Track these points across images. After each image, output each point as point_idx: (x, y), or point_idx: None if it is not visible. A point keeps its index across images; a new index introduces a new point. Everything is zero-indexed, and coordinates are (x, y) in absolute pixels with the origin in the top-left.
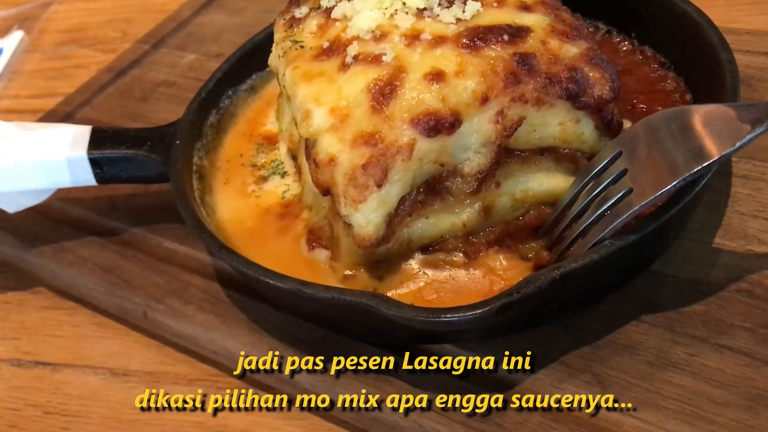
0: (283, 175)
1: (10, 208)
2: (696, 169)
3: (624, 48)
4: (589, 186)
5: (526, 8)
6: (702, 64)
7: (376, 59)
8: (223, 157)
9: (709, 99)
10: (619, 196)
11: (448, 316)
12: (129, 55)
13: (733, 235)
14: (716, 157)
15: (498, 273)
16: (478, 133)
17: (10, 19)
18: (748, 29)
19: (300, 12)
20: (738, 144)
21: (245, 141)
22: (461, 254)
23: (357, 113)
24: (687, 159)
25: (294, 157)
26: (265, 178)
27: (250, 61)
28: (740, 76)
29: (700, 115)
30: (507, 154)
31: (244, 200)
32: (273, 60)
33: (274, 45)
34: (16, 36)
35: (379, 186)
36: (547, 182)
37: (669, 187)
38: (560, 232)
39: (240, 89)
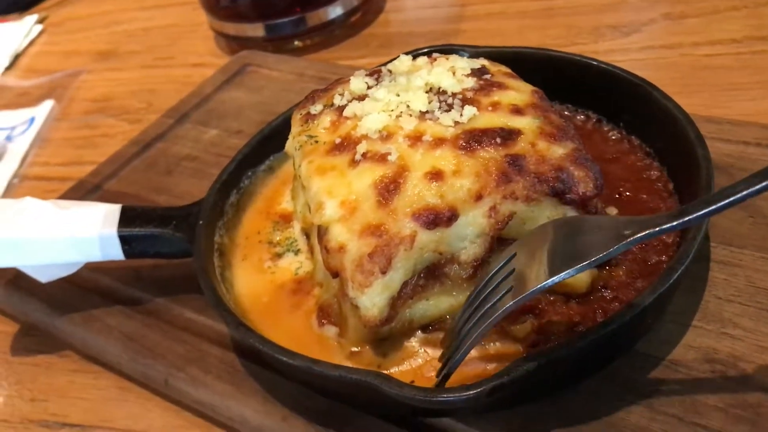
0: (297, 252)
1: (44, 278)
2: (564, 273)
3: (613, 137)
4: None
5: (518, 111)
6: (682, 157)
7: (382, 158)
8: (242, 234)
9: (688, 189)
10: (499, 296)
11: (445, 396)
12: (154, 129)
13: (710, 318)
14: (582, 264)
15: (491, 353)
16: (473, 225)
17: (42, 87)
18: (728, 119)
19: (315, 109)
20: (601, 255)
21: (262, 219)
22: None
23: (365, 206)
24: (561, 262)
25: (307, 236)
26: (280, 255)
27: (269, 144)
28: (720, 164)
29: (587, 224)
30: (500, 242)
31: (261, 276)
32: (290, 148)
33: (290, 135)
34: (47, 105)
35: (384, 273)
36: None
37: (539, 287)
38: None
39: (259, 170)
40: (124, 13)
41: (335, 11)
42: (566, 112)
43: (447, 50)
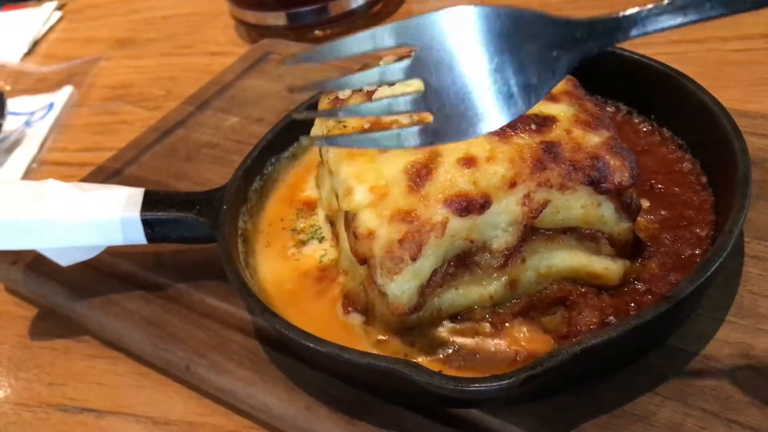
0: (321, 240)
1: (64, 262)
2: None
3: (644, 129)
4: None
5: (553, 98)
6: (716, 150)
7: None
8: (265, 221)
9: (723, 182)
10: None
11: (476, 385)
12: (175, 116)
13: (744, 314)
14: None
15: (521, 344)
16: (506, 213)
17: (61, 73)
18: (762, 113)
19: (344, 93)
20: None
21: (286, 206)
22: (488, 324)
23: (395, 192)
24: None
25: (332, 224)
26: (304, 242)
27: (292, 130)
28: (754, 159)
29: (522, 29)
30: (532, 232)
31: (285, 263)
32: (316, 133)
33: (317, 120)
34: (66, 90)
35: (414, 260)
36: (569, 259)
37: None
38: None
39: (282, 156)
40: (144, 1)
41: (357, 1)
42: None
43: None
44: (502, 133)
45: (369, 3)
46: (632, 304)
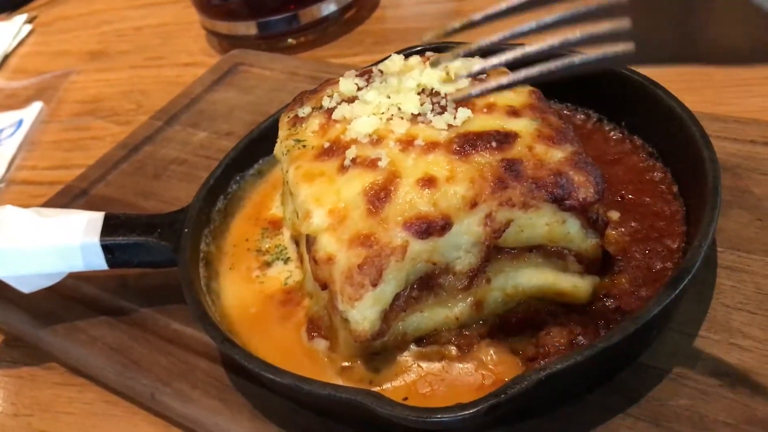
0: (286, 261)
1: (26, 289)
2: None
3: (614, 137)
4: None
5: (515, 113)
6: (687, 159)
7: (372, 163)
8: (229, 242)
9: (694, 192)
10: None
11: (439, 416)
12: (142, 131)
13: (717, 328)
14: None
15: (489, 367)
16: (468, 234)
17: (31, 89)
18: (735, 116)
19: (303, 111)
20: None
21: (251, 225)
22: (454, 347)
23: (354, 215)
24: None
25: (297, 244)
26: (269, 264)
27: (258, 146)
28: (726, 164)
29: None
30: (497, 251)
31: (249, 286)
32: (278, 152)
33: (278, 139)
34: (36, 107)
35: (374, 285)
36: (536, 278)
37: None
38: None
39: (247, 174)
40: (115, 12)
41: (329, 8)
42: (565, 111)
43: (441, 48)
44: (462, 151)
45: (341, 9)
46: (601, 322)
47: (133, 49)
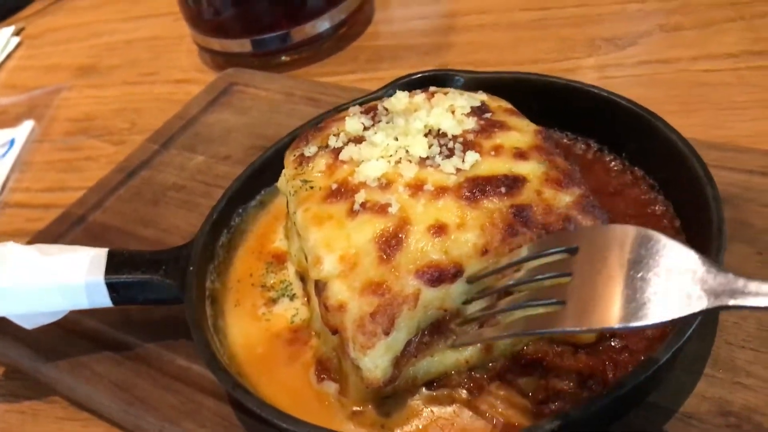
0: (292, 297)
1: (28, 325)
2: (623, 327)
3: (615, 168)
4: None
5: (522, 155)
6: (689, 194)
7: (382, 209)
8: (234, 278)
9: (697, 230)
10: (548, 303)
11: None
12: (138, 155)
13: (721, 366)
14: (647, 324)
15: (499, 410)
16: (479, 281)
17: (22, 106)
18: (732, 144)
19: (309, 150)
20: (684, 313)
21: (255, 259)
22: (465, 390)
23: (365, 262)
24: (624, 311)
25: (302, 279)
26: (274, 300)
27: (260, 177)
28: (725, 195)
29: (668, 259)
30: (506, 294)
31: (255, 324)
32: (282, 186)
33: (283, 175)
34: (27, 126)
35: (387, 333)
36: None
37: (591, 330)
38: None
39: (250, 206)
40: (105, 24)
41: (323, 25)
42: (565, 140)
43: (441, 76)
44: (471, 197)
45: (335, 26)
46: (609, 363)
47: (124, 64)
